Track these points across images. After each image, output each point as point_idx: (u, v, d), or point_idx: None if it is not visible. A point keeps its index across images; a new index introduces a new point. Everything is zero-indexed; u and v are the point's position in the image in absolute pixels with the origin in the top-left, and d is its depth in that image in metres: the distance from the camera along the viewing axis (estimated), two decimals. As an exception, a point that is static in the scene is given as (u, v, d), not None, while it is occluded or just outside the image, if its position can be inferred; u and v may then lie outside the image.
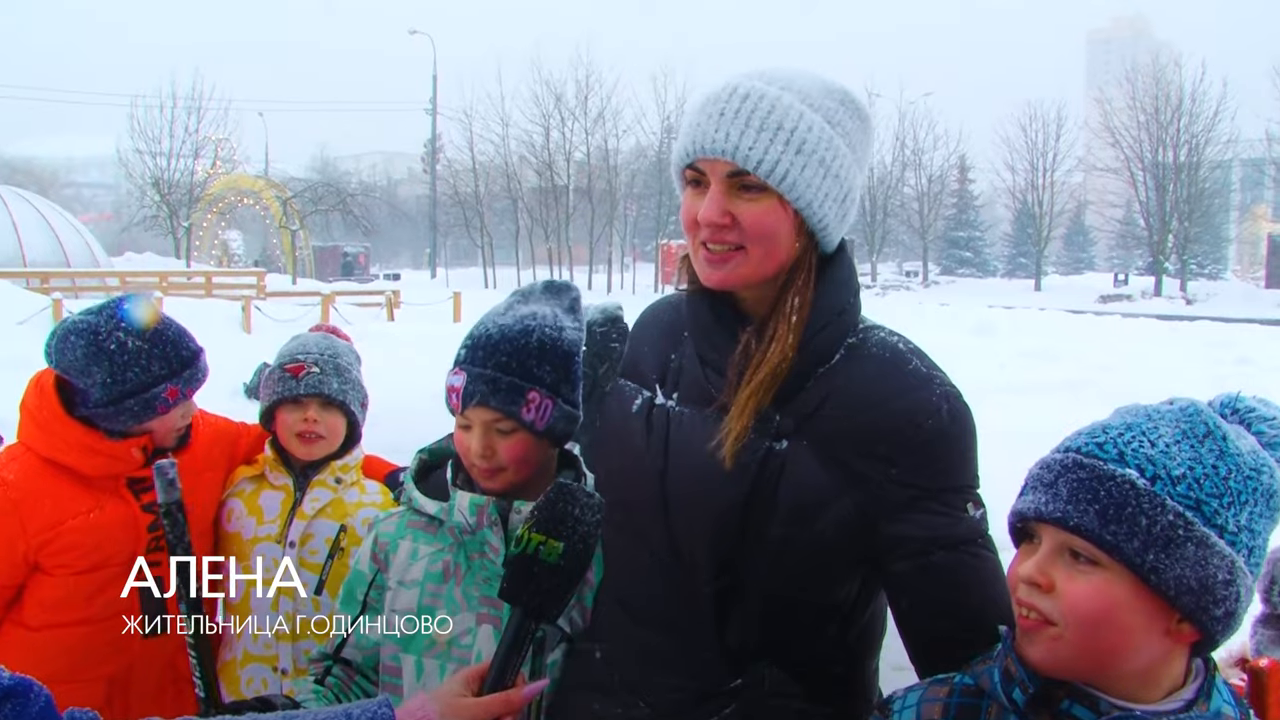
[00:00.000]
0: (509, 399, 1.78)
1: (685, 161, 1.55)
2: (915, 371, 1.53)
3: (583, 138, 53.02)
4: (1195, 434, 1.23)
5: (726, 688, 1.55)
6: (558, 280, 2.02)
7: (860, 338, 1.58)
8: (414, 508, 1.91)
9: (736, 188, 1.51)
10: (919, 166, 56.20)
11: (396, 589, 1.86)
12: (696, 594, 1.57)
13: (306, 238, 43.77)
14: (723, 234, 1.52)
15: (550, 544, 1.39)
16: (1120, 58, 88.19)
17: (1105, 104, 52.38)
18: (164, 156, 42.69)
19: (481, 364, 1.80)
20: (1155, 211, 47.66)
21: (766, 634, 1.55)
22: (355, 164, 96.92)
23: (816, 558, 1.52)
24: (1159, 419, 1.25)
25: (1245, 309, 35.61)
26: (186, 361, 2.30)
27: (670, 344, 1.71)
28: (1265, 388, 1.44)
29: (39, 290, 21.99)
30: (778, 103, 1.49)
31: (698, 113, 1.53)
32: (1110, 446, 1.24)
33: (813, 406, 1.53)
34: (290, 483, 2.54)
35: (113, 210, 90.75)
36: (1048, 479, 1.26)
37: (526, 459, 1.83)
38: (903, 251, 64.81)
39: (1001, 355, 16.79)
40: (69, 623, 2.26)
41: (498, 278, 54.65)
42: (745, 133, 1.47)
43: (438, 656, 1.80)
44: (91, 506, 2.26)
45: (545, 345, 1.83)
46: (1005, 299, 41.56)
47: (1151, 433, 1.24)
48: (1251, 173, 55.94)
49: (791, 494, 1.50)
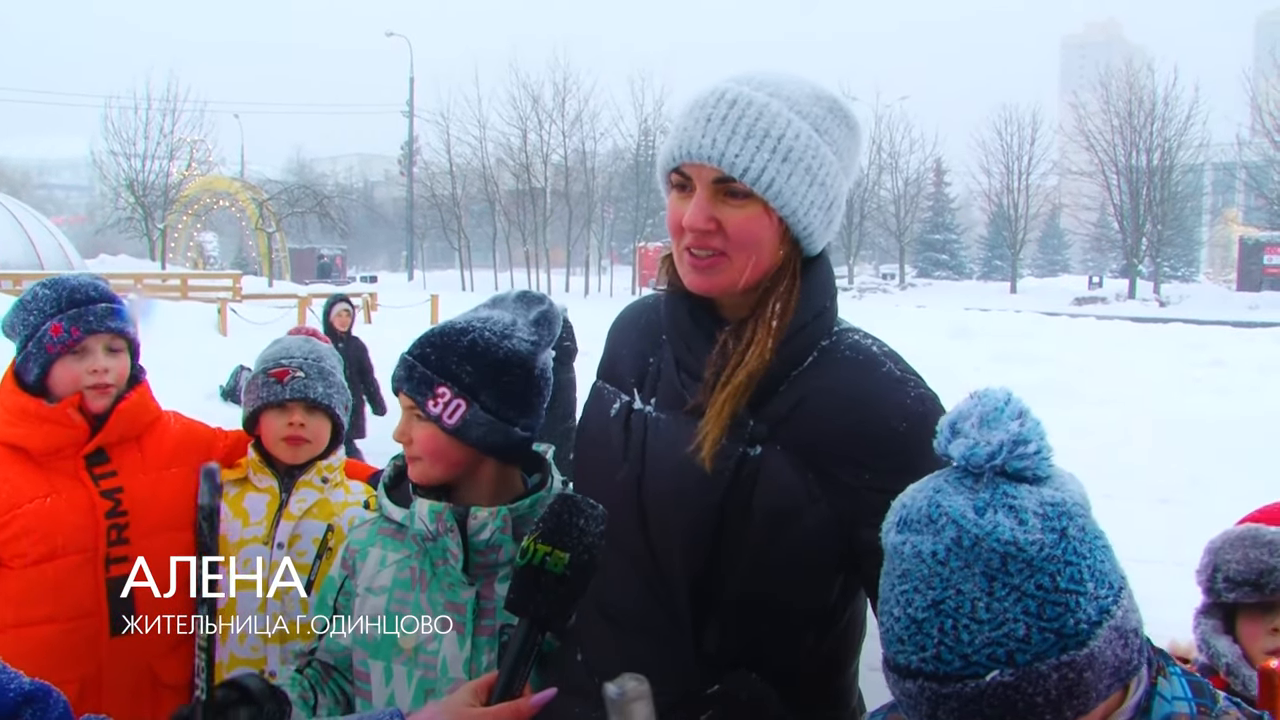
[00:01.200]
0: (417, 388, 1.81)
1: (671, 165, 1.54)
2: (889, 375, 1.53)
3: (560, 140, 53.05)
4: (992, 567, 1.10)
5: (704, 693, 1.54)
6: (533, 292, 2.03)
7: (833, 340, 1.58)
8: (384, 515, 1.94)
9: (722, 194, 1.50)
10: (895, 170, 56.47)
11: (365, 595, 1.89)
12: (674, 600, 1.57)
13: (283, 240, 43.49)
14: (707, 239, 1.51)
15: (556, 555, 1.40)
16: (1094, 62, 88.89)
17: (1079, 108, 52.89)
18: (139, 158, 42.38)
19: (413, 350, 1.84)
20: (1129, 215, 48.04)
21: (744, 639, 1.55)
22: (332, 166, 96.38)
23: (793, 563, 1.51)
24: (951, 575, 1.11)
25: (1217, 311, 35.97)
26: (75, 301, 2.29)
27: (649, 346, 1.71)
28: (1237, 388, 1.46)
29: (11, 293, 21.76)
30: (765, 109, 1.49)
31: (685, 116, 1.53)
32: (946, 653, 1.10)
33: (786, 411, 1.52)
34: (275, 484, 2.54)
35: (86, 212, 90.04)
36: (924, 711, 1.13)
37: (438, 454, 1.83)
38: (879, 254, 65.11)
39: (978, 357, 16.89)
40: (36, 621, 2.25)
41: (475, 280, 54.54)
42: (732, 139, 1.47)
43: (405, 663, 1.82)
44: (47, 491, 2.27)
45: (476, 347, 1.82)
46: (981, 301, 41.81)
47: (960, 603, 1.10)
48: (1223, 177, 56.64)
49: (767, 500, 1.50)
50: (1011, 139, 54.29)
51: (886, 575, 1.17)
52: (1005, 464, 1.14)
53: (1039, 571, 1.09)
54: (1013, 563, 1.09)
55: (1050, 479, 1.17)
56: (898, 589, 1.14)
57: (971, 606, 1.09)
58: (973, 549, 1.10)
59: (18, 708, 1.15)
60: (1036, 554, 1.10)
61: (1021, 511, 1.12)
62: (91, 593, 2.29)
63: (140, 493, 2.37)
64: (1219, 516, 2.36)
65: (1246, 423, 13.02)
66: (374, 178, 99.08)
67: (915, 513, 1.16)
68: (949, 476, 1.18)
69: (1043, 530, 1.11)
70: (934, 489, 1.17)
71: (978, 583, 1.09)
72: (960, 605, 1.09)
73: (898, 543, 1.16)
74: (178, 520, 2.41)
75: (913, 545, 1.14)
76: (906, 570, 1.13)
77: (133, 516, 2.34)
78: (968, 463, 1.15)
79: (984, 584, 1.09)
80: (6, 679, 1.17)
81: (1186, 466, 9.17)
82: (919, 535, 1.14)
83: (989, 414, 1.16)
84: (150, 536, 2.33)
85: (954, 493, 1.15)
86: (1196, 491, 8.37)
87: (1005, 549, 1.09)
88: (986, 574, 1.09)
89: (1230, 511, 2.26)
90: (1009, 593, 1.09)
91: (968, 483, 1.15)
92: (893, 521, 1.20)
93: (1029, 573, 1.09)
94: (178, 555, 2.39)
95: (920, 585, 1.12)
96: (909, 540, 1.15)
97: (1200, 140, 48.10)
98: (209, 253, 53.35)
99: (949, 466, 1.20)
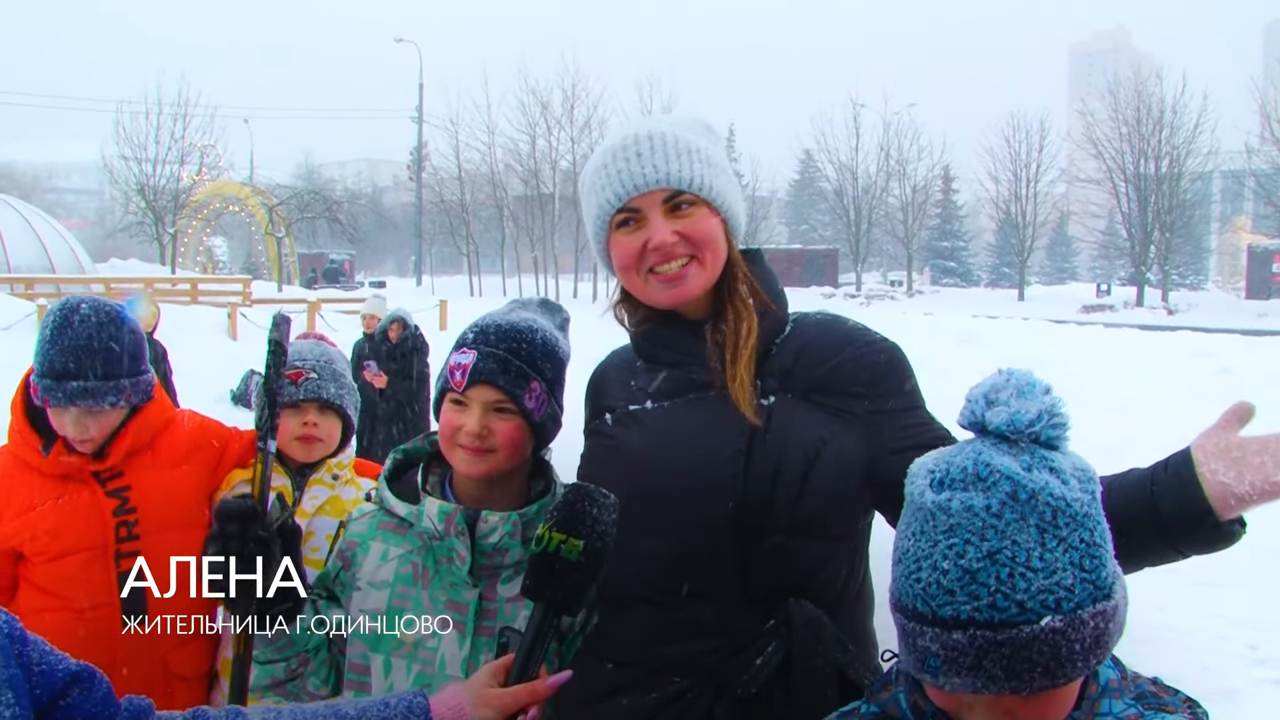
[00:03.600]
0: (516, 381, 1.85)
1: (618, 204, 1.75)
2: (855, 326, 1.82)
3: (569, 146, 53.12)
4: (1045, 520, 1.18)
5: (762, 630, 1.65)
6: (551, 300, 2.12)
7: (800, 316, 1.85)
8: (385, 508, 1.96)
9: (670, 210, 1.74)
10: (903, 176, 56.39)
11: (366, 589, 1.90)
12: (717, 549, 1.67)
13: (292, 245, 43.62)
14: (674, 250, 1.73)
15: (571, 542, 1.48)
16: (1102, 70, 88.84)
17: (1087, 115, 52.74)
18: (149, 162, 42.42)
19: (494, 345, 1.87)
20: (1137, 222, 48.00)
21: (787, 579, 1.67)
22: (340, 171, 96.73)
23: (824, 492, 1.66)
24: (1006, 527, 1.17)
25: (1226, 319, 35.85)
26: (53, 371, 2.27)
27: (627, 376, 1.88)
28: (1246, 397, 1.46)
29: (23, 296, 21.91)
30: (675, 135, 1.76)
31: (613, 163, 1.76)
32: (1003, 600, 1.16)
33: (788, 364, 1.75)
34: (288, 482, 2.61)
35: (97, 216, 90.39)
36: (967, 663, 1.17)
37: (517, 446, 1.87)
38: (887, 261, 65.08)
39: (985, 365, 16.79)
40: (55, 609, 2.35)
41: (483, 286, 54.66)
42: (669, 161, 1.73)
43: (405, 657, 1.85)
44: (59, 494, 2.37)
45: (547, 345, 1.91)
46: (989, 309, 41.76)
47: (1015, 553, 1.17)
48: (1231, 185, 56.46)
49: (793, 438, 1.68)
50: (1019, 146, 54.26)
51: (924, 534, 1.23)
52: (1041, 432, 1.23)
53: (1080, 526, 1.19)
54: (1061, 516, 1.18)
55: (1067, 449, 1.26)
56: (943, 543, 1.20)
57: (1026, 556, 1.16)
58: (1029, 502, 1.18)
59: (67, 687, 1.22)
60: (1079, 510, 1.19)
61: (1061, 472, 1.21)
62: (104, 587, 2.36)
63: (149, 490, 2.42)
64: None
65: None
66: (382, 183, 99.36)
67: (958, 471, 1.23)
68: (987, 441, 1.25)
69: (1081, 489, 1.21)
70: (975, 451, 1.24)
71: (1031, 534, 1.17)
72: (1016, 555, 1.16)
73: (941, 500, 1.22)
74: (189, 517, 2.46)
75: (961, 501, 1.20)
76: (954, 525, 1.19)
77: (142, 513, 2.40)
78: (1010, 428, 1.23)
79: (1036, 535, 1.17)
80: (55, 659, 1.23)
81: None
82: (967, 492, 1.21)
83: (1024, 387, 1.26)
84: (160, 533, 2.40)
85: (998, 455, 1.22)
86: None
87: (1056, 503, 1.18)
88: (1039, 526, 1.17)
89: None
90: (1058, 544, 1.17)
91: (1004, 447, 1.23)
92: (924, 483, 1.26)
93: (1073, 526, 1.19)
94: (189, 552, 2.48)
95: (973, 538, 1.18)
96: (955, 497, 1.21)
97: (1209, 148, 48.05)
98: (218, 257, 53.53)
99: (978, 433, 1.27)
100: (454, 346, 1.92)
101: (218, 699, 2.56)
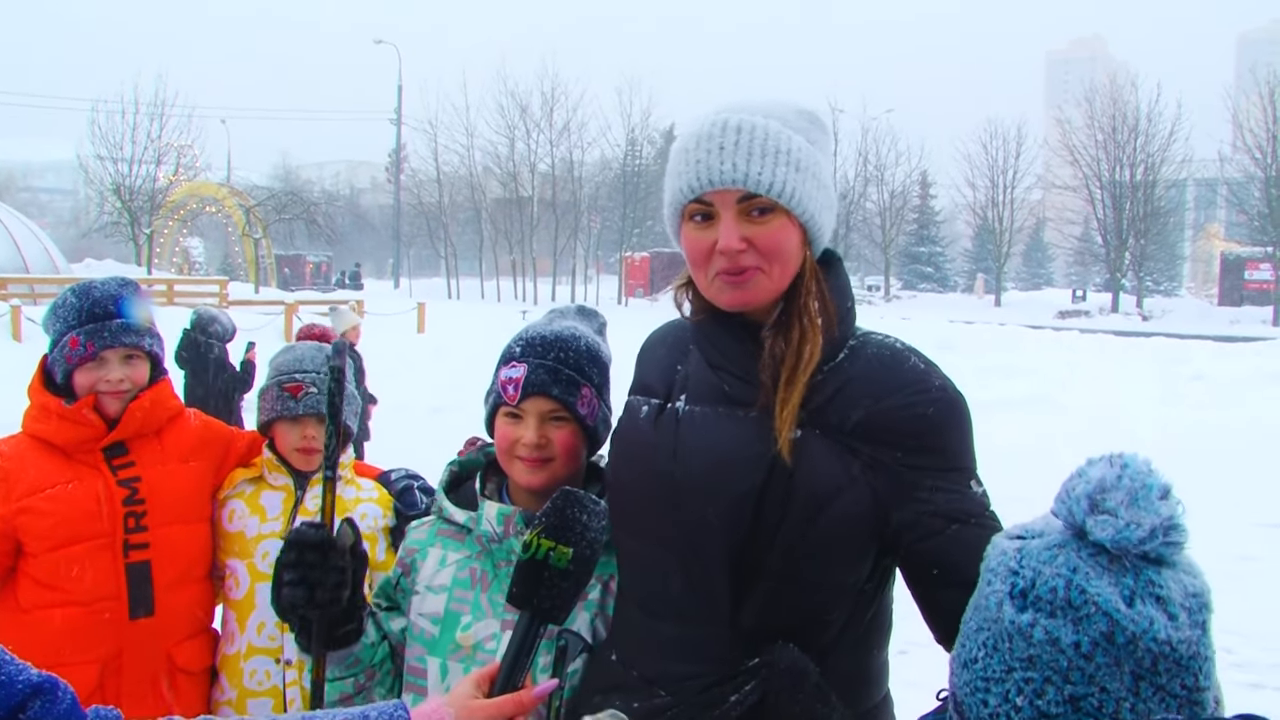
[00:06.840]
0: (569, 389, 1.90)
1: (691, 196, 1.63)
2: (914, 367, 1.65)
3: (548, 149, 53.09)
4: (1142, 667, 1.05)
5: (744, 668, 1.61)
6: (588, 306, 2.18)
7: (860, 340, 1.71)
8: (444, 516, 2.00)
9: (746, 212, 1.61)
10: (881, 182, 56.53)
11: (425, 593, 1.94)
12: (711, 581, 1.63)
13: (269, 246, 43.28)
14: (740, 259, 1.61)
15: (560, 550, 1.44)
16: (1078, 78, 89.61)
17: (1064, 123, 53.18)
18: (125, 162, 41.96)
19: (542, 357, 1.91)
20: (1112, 229, 48.30)
21: (780, 618, 1.62)
22: (318, 172, 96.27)
23: (830, 540, 1.59)
24: (1096, 672, 1.05)
25: (1199, 326, 36.19)
26: (94, 315, 2.44)
27: (677, 357, 1.81)
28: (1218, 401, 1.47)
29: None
30: (768, 130, 1.61)
31: (695, 150, 1.63)
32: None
33: (825, 399, 1.62)
34: (290, 482, 2.66)
35: (71, 216, 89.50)
36: None
37: (574, 452, 1.92)
38: (864, 266, 65.26)
39: (962, 370, 16.88)
40: (58, 604, 2.38)
41: (461, 288, 54.47)
42: (751, 160, 1.59)
43: (463, 660, 1.87)
44: (70, 478, 2.42)
45: (592, 351, 1.97)
46: (966, 314, 41.97)
47: (1103, 701, 1.05)
48: (1205, 192, 57.15)
49: (807, 480, 1.58)
50: (996, 153, 54.55)
51: (997, 651, 1.11)
52: (1153, 550, 1.08)
53: (1185, 671, 1.05)
54: (1163, 662, 1.04)
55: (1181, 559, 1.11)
56: (1019, 674, 1.08)
57: (1115, 707, 1.04)
58: (1127, 646, 1.04)
59: (26, 699, 1.13)
60: (1185, 653, 1.05)
61: (1169, 604, 1.06)
62: (111, 577, 2.41)
63: (158, 482, 2.48)
64: (1199, 528, 2.39)
65: (1227, 434, 13.09)
66: (360, 184, 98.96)
67: (1046, 590, 1.08)
68: (1084, 554, 1.10)
69: (1190, 626, 1.06)
70: (1070, 568, 1.09)
71: (1125, 682, 1.04)
72: (1104, 705, 1.04)
73: (1023, 623, 1.08)
74: (194, 512, 2.55)
75: (1046, 630, 1.06)
76: (1034, 656, 1.06)
77: (150, 505, 2.45)
78: (1117, 546, 1.08)
79: (1130, 683, 1.04)
80: (15, 671, 1.14)
81: (1167, 477, 9.23)
82: (1054, 620, 1.07)
83: (1138, 491, 1.10)
84: (167, 526, 2.46)
85: (1095, 576, 1.07)
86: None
87: (1160, 649, 1.04)
88: (1135, 674, 1.04)
89: (1211, 522, 2.29)
90: (1155, 693, 1.04)
91: (1103, 561, 1.09)
92: (1003, 589, 1.13)
93: (1176, 673, 1.05)
94: (193, 547, 2.55)
95: (1054, 676, 1.05)
96: (1040, 623, 1.07)
97: (1183, 156, 48.43)
98: (194, 258, 53.12)
99: (1075, 538, 1.11)
100: (500, 361, 1.95)
101: (217, 694, 2.60)
